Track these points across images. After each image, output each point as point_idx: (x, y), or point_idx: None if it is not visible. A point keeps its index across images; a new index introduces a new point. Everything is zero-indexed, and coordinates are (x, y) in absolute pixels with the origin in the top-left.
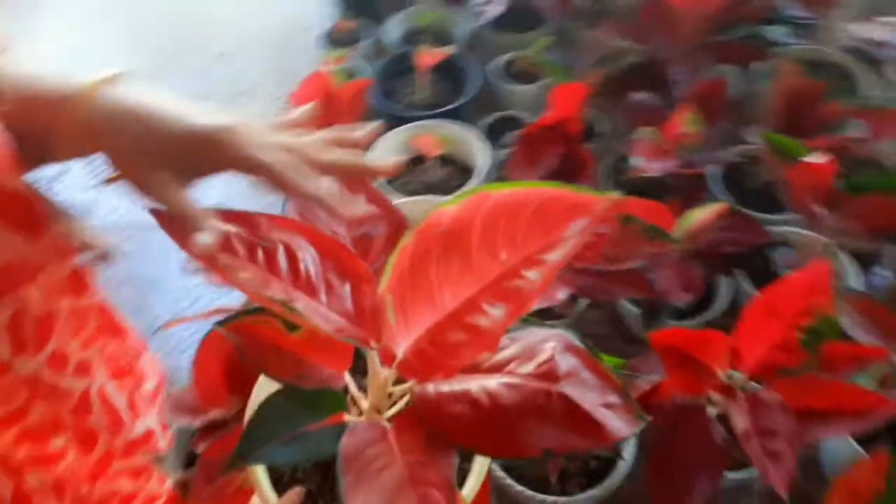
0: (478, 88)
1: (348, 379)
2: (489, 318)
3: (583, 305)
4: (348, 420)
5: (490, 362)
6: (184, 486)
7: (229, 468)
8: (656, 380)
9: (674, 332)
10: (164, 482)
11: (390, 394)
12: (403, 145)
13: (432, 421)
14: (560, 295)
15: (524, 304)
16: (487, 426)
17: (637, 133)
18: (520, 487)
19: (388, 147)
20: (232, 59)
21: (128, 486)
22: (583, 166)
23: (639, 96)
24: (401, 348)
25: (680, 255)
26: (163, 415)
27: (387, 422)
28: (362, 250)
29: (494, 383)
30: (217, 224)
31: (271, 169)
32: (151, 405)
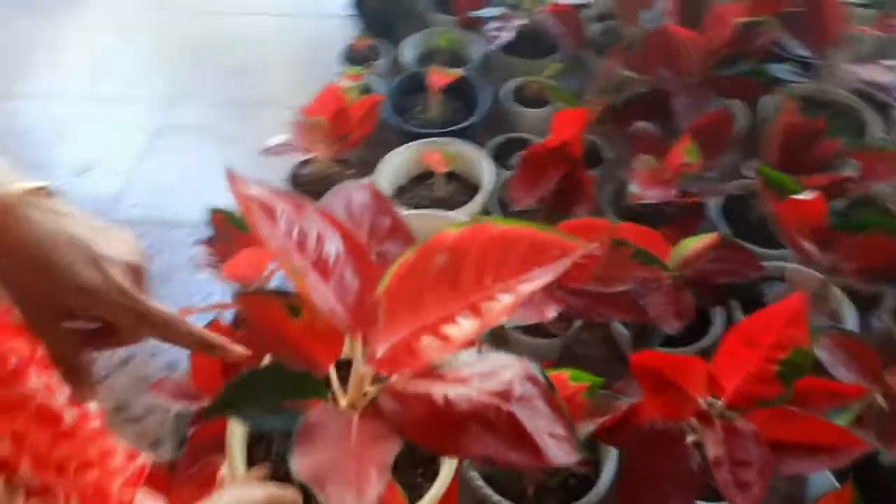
0: (488, 110)
1: (332, 373)
2: (459, 329)
3: (578, 326)
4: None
5: (456, 375)
6: (171, 466)
7: (206, 415)
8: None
9: (653, 356)
10: (133, 459)
11: (366, 392)
12: (413, 160)
13: (391, 412)
14: (550, 313)
15: (491, 322)
16: (436, 425)
17: (637, 161)
18: (497, 497)
19: (398, 161)
20: (254, 72)
21: (93, 454)
22: (581, 189)
23: (642, 125)
24: (382, 347)
25: (673, 283)
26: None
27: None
28: (380, 261)
29: (454, 392)
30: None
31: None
32: None
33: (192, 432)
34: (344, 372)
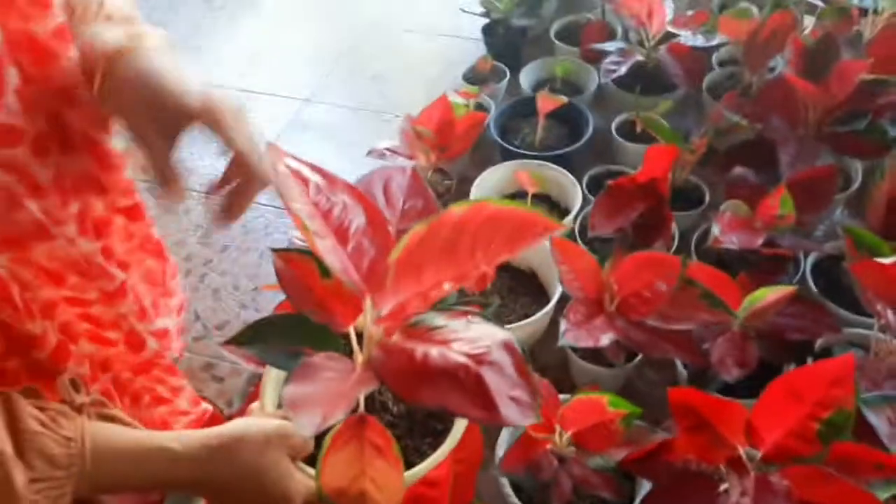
0: (590, 139)
1: (352, 332)
2: (440, 292)
3: (640, 361)
4: None
5: (443, 337)
6: (230, 419)
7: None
8: (670, 437)
9: (693, 394)
10: (198, 404)
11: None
12: (509, 178)
13: (378, 363)
14: (604, 340)
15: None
16: (410, 376)
17: (726, 205)
18: None
19: (495, 177)
20: (387, 82)
21: (164, 392)
22: (661, 225)
23: (742, 171)
24: (386, 309)
25: (740, 331)
26: (181, 330)
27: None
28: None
29: (435, 351)
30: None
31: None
32: (172, 313)
33: (251, 390)
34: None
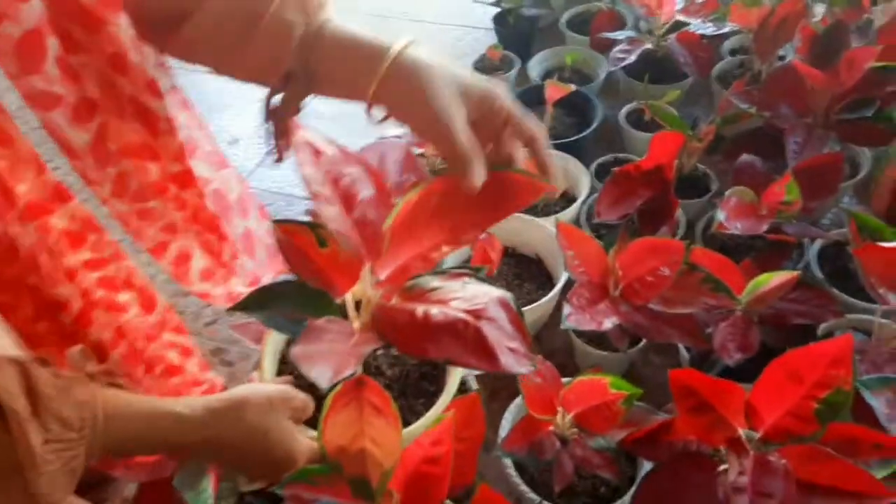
0: (599, 127)
1: (349, 299)
2: (440, 254)
3: (645, 346)
4: None
5: (441, 297)
6: None
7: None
8: (670, 418)
9: (693, 375)
10: (207, 370)
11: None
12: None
13: (381, 322)
14: (607, 323)
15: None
16: (413, 332)
17: (732, 191)
18: (532, 495)
19: None
20: None
21: (175, 359)
22: (666, 212)
23: (749, 158)
24: (384, 273)
25: (742, 315)
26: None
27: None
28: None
29: (435, 309)
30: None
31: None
32: (227, 285)
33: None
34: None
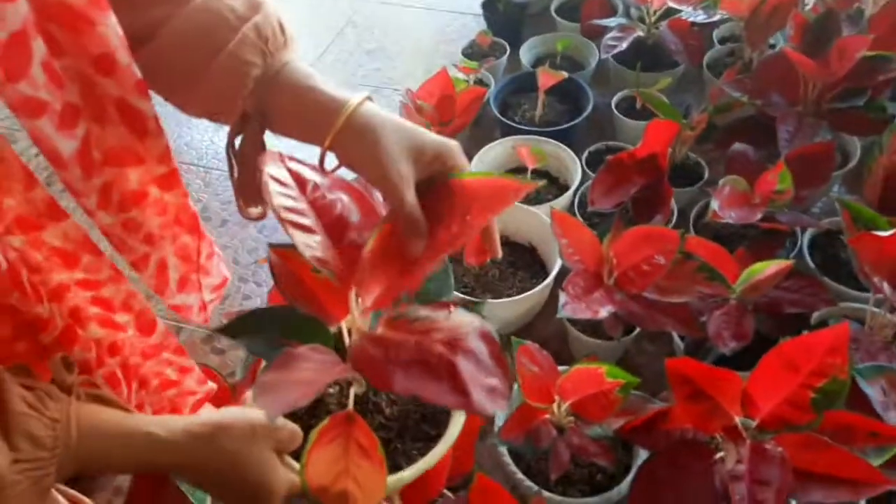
0: (590, 115)
1: (343, 326)
2: (424, 270)
3: (638, 334)
4: None
5: (422, 326)
6: (233, 390)
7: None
8: (667, 406)
9: (690, 364)
10: (204, 384)
11: None
12: (509, 154)
13: (355, 351)
14: (602, 312)
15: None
16: (381, 364)
17: (725, 180)
18: (529, 483)
19: (494, 153)
20: (385, 56)
21: (172, 374)
22: (660, 200)
23: (741, 147)
24: (370, 297)
25: (736, 304)
26: (204, 307)
27: None
28: None
29: (411, 340)
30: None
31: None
32: (204, 290)
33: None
34: None
